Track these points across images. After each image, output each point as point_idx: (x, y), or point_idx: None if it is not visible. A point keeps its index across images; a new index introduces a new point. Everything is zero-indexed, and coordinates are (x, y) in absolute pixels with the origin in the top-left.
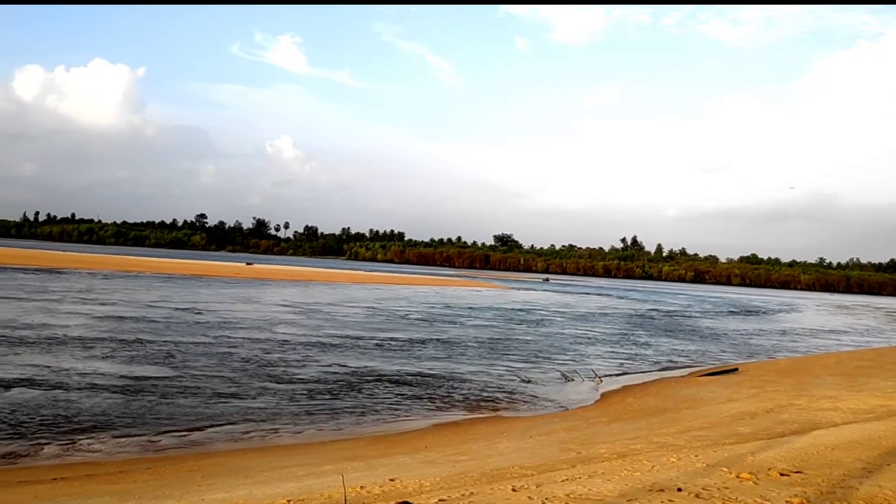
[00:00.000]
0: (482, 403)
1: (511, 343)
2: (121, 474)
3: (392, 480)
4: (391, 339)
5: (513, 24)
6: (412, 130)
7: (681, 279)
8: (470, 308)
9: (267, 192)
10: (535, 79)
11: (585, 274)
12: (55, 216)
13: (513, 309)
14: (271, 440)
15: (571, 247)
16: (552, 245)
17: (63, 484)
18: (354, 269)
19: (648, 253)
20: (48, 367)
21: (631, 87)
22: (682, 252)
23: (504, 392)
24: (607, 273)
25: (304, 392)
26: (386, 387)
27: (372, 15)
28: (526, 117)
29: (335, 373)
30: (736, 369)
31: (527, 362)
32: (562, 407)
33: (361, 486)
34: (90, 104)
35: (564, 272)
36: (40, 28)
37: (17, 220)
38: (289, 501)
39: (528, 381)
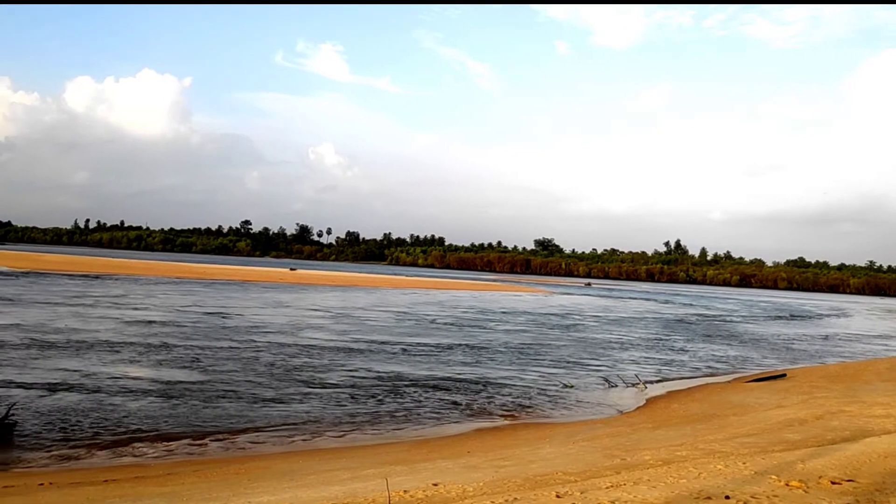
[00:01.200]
0: (523, 409)
1: (542, 348)
2: (169, 476)
3: (435, 485)
4: (418, 343)
5: (553, 28)
6: (453, 136)
7: (726, 283)
8: (503, 312)
9: (310, 198)
10: (576, 83)
11: (628, 278)
12: (105, 223)
13: (547, 313)
14: (314, 443)
15: (614, 251)
16: (594, 249)
17: (114, 486)
18: (394, 275)
19: (692, 257)
20: (79, 370)
21: (674, 90)
22: (727, 256)
23: (545, 397)
24: (650, 277)
25: (343, 396)
26: (423, 392)
27: (413, 22)
28: (567, 121)
29: (367, 377)
30: (784, 375)
31: (558, 368)
32: (605, 413)
33: (405, 491)
34: (139, 114)
35: (607, 277)
36: (91, 40)
37: (70, 227)
38: None
39: (570, 387)
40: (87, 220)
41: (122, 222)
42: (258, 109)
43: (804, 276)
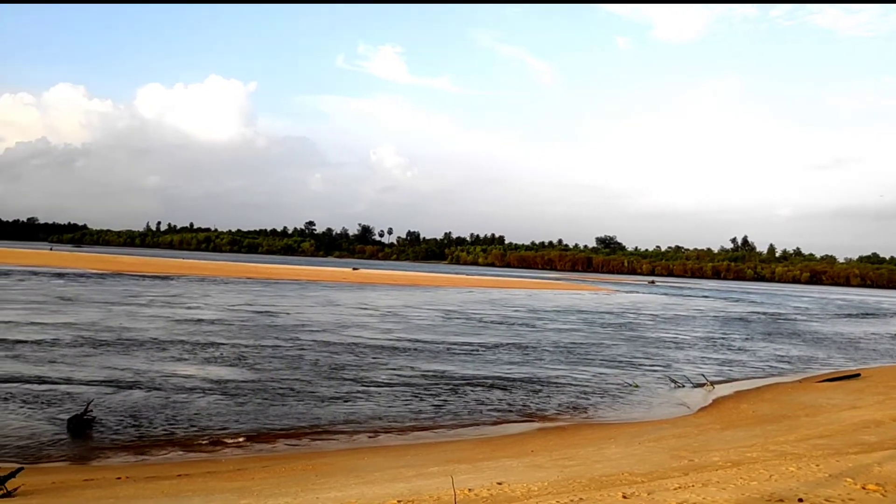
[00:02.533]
0: (585, 408)
1: (592, 347)
2: (239, 472)
3: (500, 484)
4: (462, 342)
5: (613, 23)
6: (512, 134)
7: (795, 280)
8: (556, 311)
9: (371, 198)
10: (636, 78)
11: (693, 276)
12: (175, 226)
13: (601, 312)
14: (378, 441)
15: (678, 248)
16: (657, 247)
17: (187, 480)
18: (454, 274)
19: (760, 253)
20: (132, 368)
21: (738, 82)
22: (797, 252)
23: (607, 396)
24: (716, 275)
25: (402, 395)
26: (480, 391)
27: (470, 21)
28: (629, 117)
29: (415, 376)
30: (858, 375)
31: (609, 368)
32: (670, 413)
33: (469, 489)
34: (207, 119)
35: (671, 274)
36: (160, 48)
37: (142, 229)
38: (399, 502)
39: (635, 386)
40: (158, 223)
41: (192, 224)
42: (320, 112)
43: (878, 272)
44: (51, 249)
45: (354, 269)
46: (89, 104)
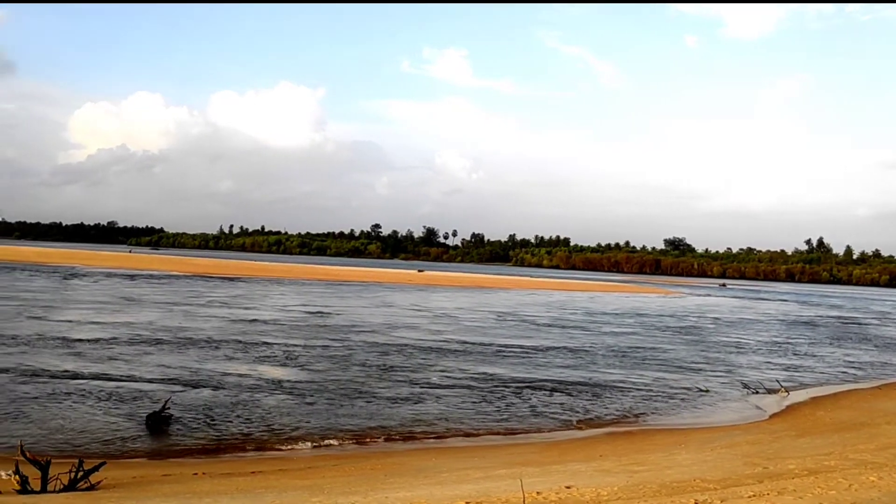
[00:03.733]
0: (651, 413)
1: (648, 352)
2: (310, 470)
3: (568, 488)
4: (511, 345)
5: (682, 21)
6: (577, 135)
7: (874, 283)
8: (615, 314)
9: (437, 201)
10: (707, 76)
11: (766, 278)
12: (247, 228)
13: (662, 315)
14: (445, 442)
15: (750, 250)
16: (728, 248)
17: (260, 477)
18: (518, 276)
19: (837, 255)
20: (187, 366)
21: (813, 79)
22: (876, 254)
23: (677, 400)
24: (790, 277)
25: (466, 397)
26: (542, 394)
27: (534, 22)
28: (698, 117)
29: (474, 378)
30: None
31: (667, 372)
32: (742, 418)
33: (538, 492)
34: (277, 125)
35: (743, 277)
36: (232, 56)
37: (215, 232)
38: (467, 503)
39: (705, 391)
40: (231, 226)
41: (263, 227)
42: (386, 116)
43: None
44: (130, 252)
45: (420, 270)
46: (166, 111)
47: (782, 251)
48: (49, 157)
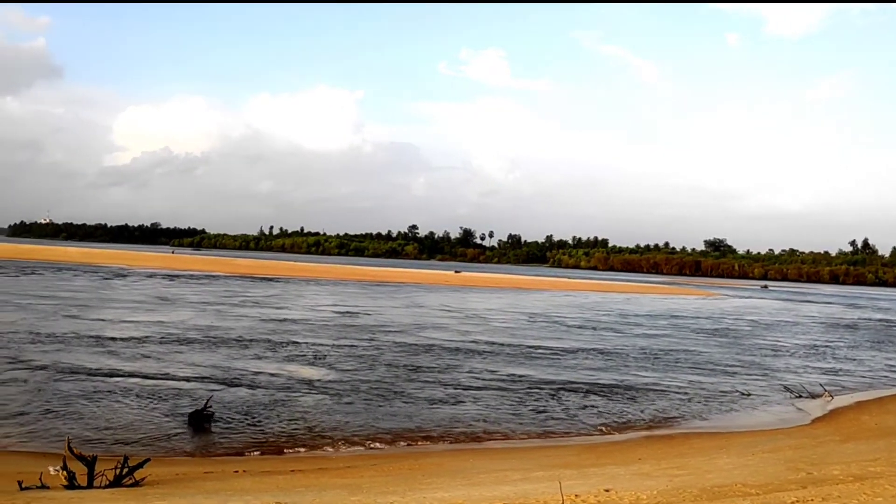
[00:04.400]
0: (691, 416)
1: (679, 354)
2: (349, 469)
3: (607, 491)
4: (539, 346)
5: (721, 19)
6: (615, 134)
7: None
8: (649, 316)
9: (473, 202)
10: (748, 75)
11: (809, 280)
12: (286, 229)
13: (698, 317)
14: (482, 443)
15: (792, 251)
16: (770, 250)
17: (300, 476)
18: (555, 277)
19: (882, 257)
20: (227, 365)
21: (857, 77)
22: None
23: (716, 403)
24: (834, 279)
25: (501, 398)
26: (576, 396)
27: (571, 22)
28: (739, 115)
29: (501, 379)
30: None
31: (703, 376)
32: (785, 422)
33: (576, 495)
34: (316, 127)
35: (785, 278)
36: (271, 60)
37: (256, 233)
38: None
39: (747, 395)
40: (271, 227)
41: (302, 228)
42: (423, 118)
43: None
44: (173, 253)
45: (457, 272)
46: (207, 115)
47: (826, 252)
48: (95, 159)
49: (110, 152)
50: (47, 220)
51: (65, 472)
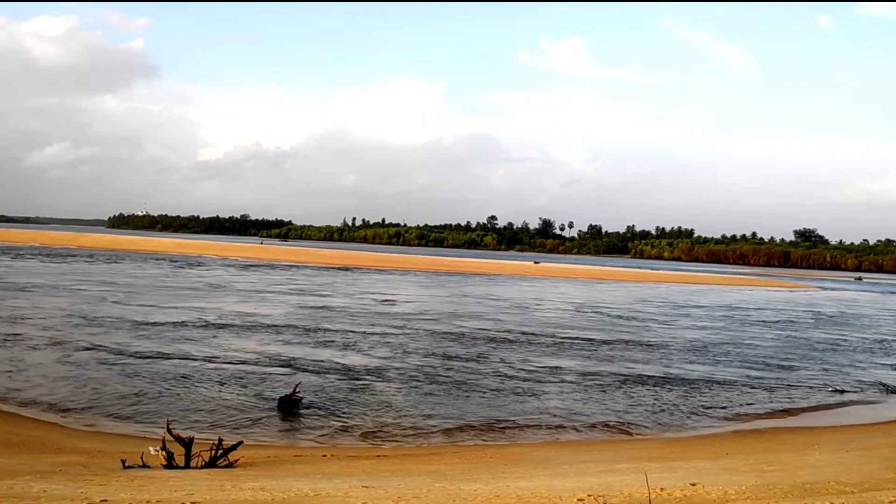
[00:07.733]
0: (781, 411)
1: (764, 350)
2: (432, 456)
3: (693, 485)
4: (568, 337)
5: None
6: (701, 123)
7: None
8: (740, 307)
9: (553, 192)
10: (841, 58)
11: None
12: (368, 221)
13: (786, 309)
14: (563, 435)
15: (889, 241)
16: (865, 240)
17: (385, 461)
18: (637, 268)
19: None
20: (306, 353)
21: None
22: None
23: (809, 399)
24: None
25: (577, 389)
26: (662, 390)
27: (655, 9)
28: (831, 101)
29: (589, 374)
30: None
31: (797, 371)
32: (881, 419)
33: (661, 488)
34: (398, 120)
35: (881, 270)
36: (356, 54)
37: (339, 225)
38: (589, 496)
39: (840, 392)
40: (354, 219)
41: (384, 220)
42: (503, 108)
43: None
44: (261, 244)
45: (536, 262)
46: (294, 109)
47: None
48: (189, 154)
49: (204, 147)
50: (144, 213)
51: (164, 453)
